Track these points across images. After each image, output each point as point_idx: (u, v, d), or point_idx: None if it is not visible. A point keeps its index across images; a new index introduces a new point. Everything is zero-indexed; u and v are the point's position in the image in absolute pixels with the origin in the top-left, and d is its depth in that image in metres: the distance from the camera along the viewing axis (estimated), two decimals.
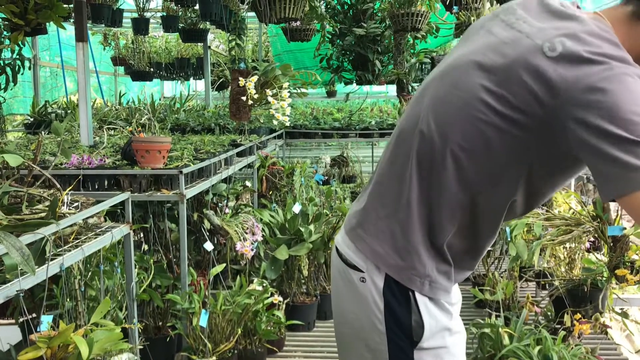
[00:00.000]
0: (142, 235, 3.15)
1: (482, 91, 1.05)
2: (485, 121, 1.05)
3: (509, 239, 3.05)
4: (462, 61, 1.13)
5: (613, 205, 3.02)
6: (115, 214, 2.51)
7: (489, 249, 3.62)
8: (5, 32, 3.66)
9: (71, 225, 1.73)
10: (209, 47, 7.28)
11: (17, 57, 3.84)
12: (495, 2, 4.05)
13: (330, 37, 6.03)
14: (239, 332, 2.72)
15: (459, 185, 1.10)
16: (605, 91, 0.93)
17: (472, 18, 4.26)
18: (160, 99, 9.36)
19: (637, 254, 2.87)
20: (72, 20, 3.85)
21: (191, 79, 9.22)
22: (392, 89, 9.44)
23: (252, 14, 4.95)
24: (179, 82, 9.80)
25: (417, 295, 1.15)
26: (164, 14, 6.31)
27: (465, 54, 1.14)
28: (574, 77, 0.96)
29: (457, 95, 1.09)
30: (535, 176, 1.09)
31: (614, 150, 0.91)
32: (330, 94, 9.31)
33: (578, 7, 1.10)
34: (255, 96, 3.66)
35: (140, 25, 6.36)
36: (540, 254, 2.99)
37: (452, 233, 1.14)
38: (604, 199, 0.97)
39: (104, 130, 4.07)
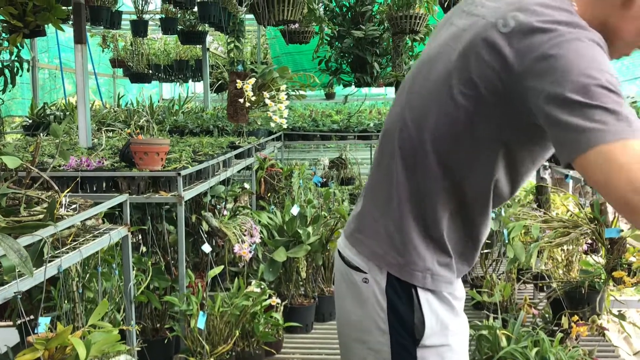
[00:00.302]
0: (140, 237, 3.15)
1: (450, 78, 1.08)
2: (455, 106, 1.08)
3: (507, 241, 3.06)
4: (431, 55, 1.18)
5: (611, 208, 3.03)
6: (113, 216, 2.51)
7: (487, 250, 3.62)
8: (3, 34, 3.66)
9: (69, 227, 1.74)
10: (208, 49, 7.29)
11: (16, 59, 3.84)
12: None
13: (328, 39, 6.04)
14: (237, 334, 2.72)
15: (443, 175, 1.13)
16: (556, 57, 0.94)
17: None
18: (158, 101, 9.36)
19: (634, 256, 2.87)
20: (70, 22, 3.85)
21: (190, 81, 9.22)
22: (390, 91, 9.43)
23: (251, 16, 4.95)
24: (178, 84, 9.80)
25: (420, 291, 1.16)
26: (163, 16, 6.32)
27: (433, 48, 1.19)
28: (527, 48, 0.98)
29: (429, 88, 1.14)
30: (511, 153, 1.12)
31: (565, 115, 0.91)
32: (329, 96, 9.31)
33: None
34: (253, 98, 3.66)
35: (139, 27, 6.36)
36: (537, 256, 2.99)
37: (445, 224, 1.17)
38: (562, 166, 0.97)
39: (103, 132, 4.07)
